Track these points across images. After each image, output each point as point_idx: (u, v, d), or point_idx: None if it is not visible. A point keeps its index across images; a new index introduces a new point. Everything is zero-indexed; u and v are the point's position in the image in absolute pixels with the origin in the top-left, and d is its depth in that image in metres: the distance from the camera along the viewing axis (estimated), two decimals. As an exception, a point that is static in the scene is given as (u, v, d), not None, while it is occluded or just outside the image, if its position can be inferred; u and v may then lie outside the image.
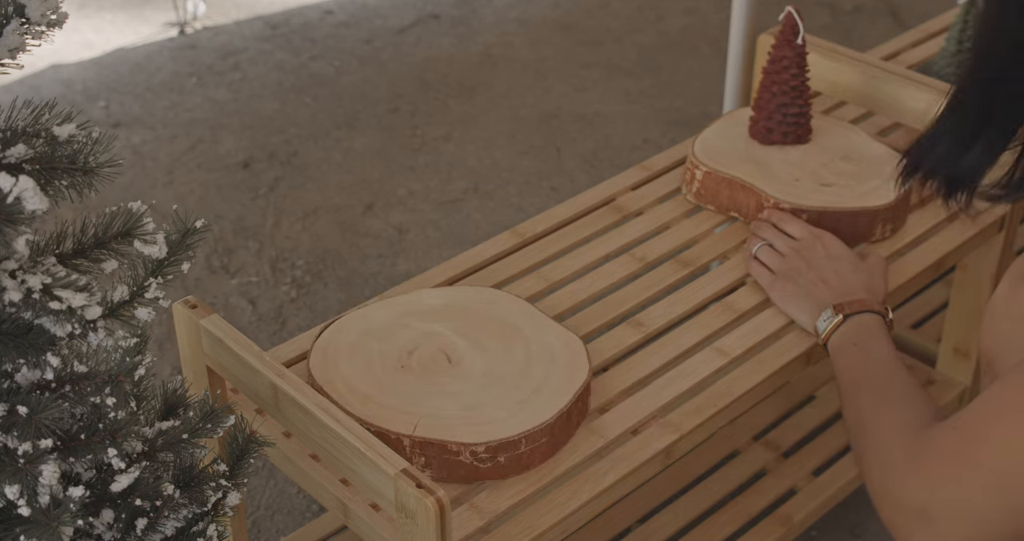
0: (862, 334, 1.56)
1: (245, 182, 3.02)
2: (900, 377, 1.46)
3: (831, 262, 1.69)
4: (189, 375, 1.56)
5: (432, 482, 1.28)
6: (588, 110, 3.31)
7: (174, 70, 3.52)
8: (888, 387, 1.45)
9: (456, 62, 3.56)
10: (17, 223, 1.00)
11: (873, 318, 1.58)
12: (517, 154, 3.13)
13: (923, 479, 1.25)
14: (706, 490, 2.01)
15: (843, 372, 1.53)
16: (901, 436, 1.32)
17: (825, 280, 1.66)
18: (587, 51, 3.62)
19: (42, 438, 1.07)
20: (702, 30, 3.74)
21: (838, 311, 1.60)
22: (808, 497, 1.99)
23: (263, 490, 2.21)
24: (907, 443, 1.30)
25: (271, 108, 3.33)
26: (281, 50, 3.62)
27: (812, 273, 1.68)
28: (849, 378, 1.51)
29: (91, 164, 1.09)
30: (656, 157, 2.00)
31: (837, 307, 1.60)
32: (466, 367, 1.52)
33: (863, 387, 1.46)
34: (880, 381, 1.46)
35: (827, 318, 1.60)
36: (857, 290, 1.64)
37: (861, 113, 2.12)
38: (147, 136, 3.20)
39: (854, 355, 1.53)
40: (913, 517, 1.25)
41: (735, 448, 2.09)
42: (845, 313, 1.59)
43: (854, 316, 1.59)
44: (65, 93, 3.39)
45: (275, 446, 1.47)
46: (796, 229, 1.76)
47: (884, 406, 1.40)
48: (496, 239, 1.81)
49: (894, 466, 1.29)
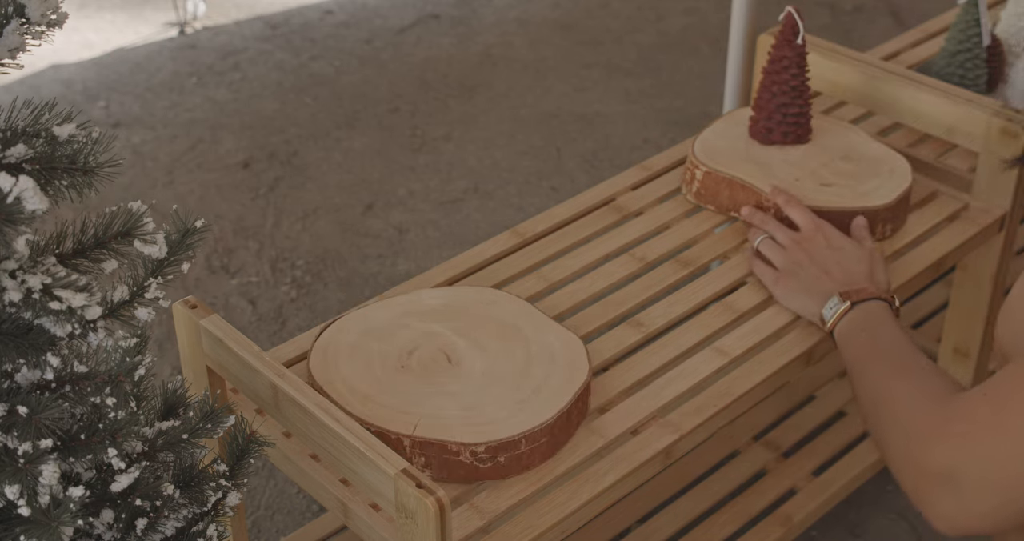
0: (871, 320, 1.56)
1: (245, 182, 3.02)
2: (915, 353, 1.46)
3: (833, 253, 1.69)
4: (189, 375, 1.56)
5: (432, 482, 1.28)
6: (588, 110, 3.31)
7: (174, 70, 3.52)
8: (904, 362, 1.44)
9: (456, 62, 3.56)
10: (17, 223, 1.00)
11: (880, 305, 1.58)
12: (517, 154, 3.13)
13: (950, 445, 1.24)
14: (706, 490, 2.01)
15: (853, 356, 1.52)
16: (925, 404, 1.32)
17: (828, 271, 1.67)
18: (587, 51, 3.62)
19: (42, 438, 1.07)
20: (702, 30, 3.74)
21: (845, 298, 1.60)
22: (808, 497, 1.99)
23: (263, 490, 2.21)
24: (932, 410, 1.30)
25: (271, 108, 3.33)
26: (281, 50, 3.62)
27: (815, 265, 1.68)
28: (860, 358, 1.50)
29: (91, 164, 1.09)
30: (656, 157, 2.00)
31: (844, 294, 1.60)
32: (466, 367, 1.52)
33: (877, 365, 1.46)
34: (895, 356, 1.46)
35: (833, 305, 1.61)
36: (861, 279, 1.65)
37: (861, 113, 2.12)
38: (147, 136, 3.20)
39: (863, 339, 1.53)
40: (939, 483, 1.24)
41: (735, 448, 2.09)
42: (852, 300, 1.59)
43: (861, 303, 1.59)
44: (65, 93, 3.39)
45: (275, 446, 1.47)
46: (798, 216, 1.75)
47: (902, 379, 1.40)
48: (496, 239, 1.81)
49: (919, 434, 1.29)
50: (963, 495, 1.23)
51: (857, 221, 1.77)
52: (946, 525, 1.26)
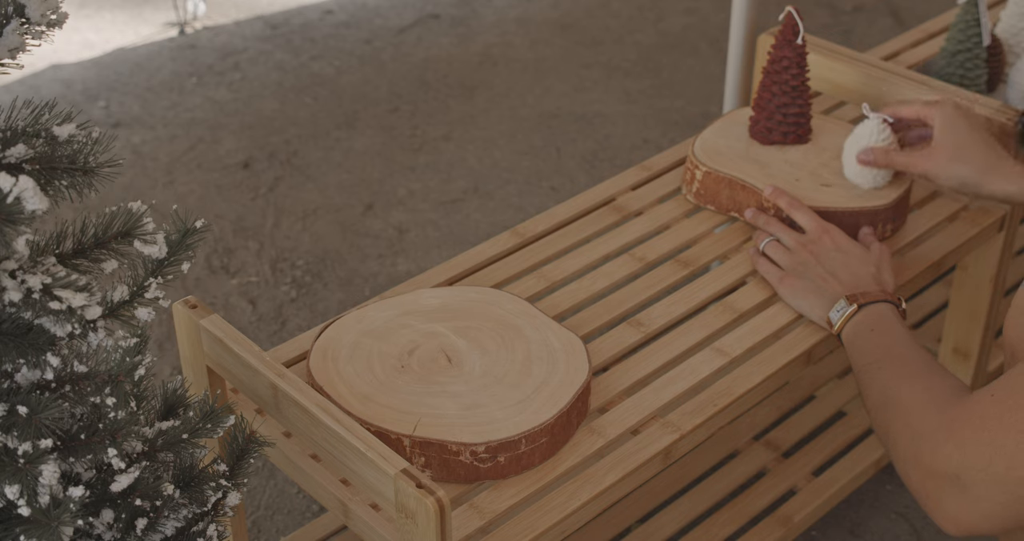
0: (878, 321, 1.56)
1: (245, 182, 3.02)
2: (922, 354, 1.46)
3: (839, 255, 1.69)
4: (189, 375, 1.56)
5: (432, 482, 1.28)
6: (588, 110, 3.31)
7: (174, 70, 3.52)
8: (912, 362, 1.45)
9: (456, 62, 3.56)
10: (17, 223, 1.00)
11: (887, 307, 1.59)
12: (517, 154, 3.13)
13: (958, 445, 1.25)
14: (706, 490, 2.01)
15: (861, 356, 1.53)
16: (933, 404, 1.32)
17: (834, 273, 1.67)
18: (587, 51, 3.62)
19: (42, 438, 1.07)
20: (702, 30, 3.74)
21: (852, 301, 1.60)
22: (808, 497, 1.99)
23: (263, 490, 2.21)
24: (940, 411, 1.30)
25: (271, 108, 3.33)
26: (281, 50, 3.62)
27: (821, 267, 1.68)
28: (868, 360, 1.50)
29: (91, 164, 1.09)
30: (656, 157, 2.00)
31: (851, 297, 1.60)
32: (466, 367, 1.52)
33: (885, 365, 1.46)
34: (903, 358, 1.46)
35: (841, 308, 1.61)
36: (867, 282, 1.64)
37: (861, 113, 2.12)
38: (147, 136, 3.20)
39: (871, 340, 1.54)
40: (946, 483, 1.25)
41: (735, 448, 2.09)
42: (859, 303, 1.59)
43: (868, 306, 1.59)
44: (65, 93, 3.39)
45: (275, 446, 1.47)
46: (803, 219, 1.75)
47: (910, 379, 1.40)
48: (496, 239, 1.81)
49: (926, 433, 1.29)
50: (970, 494, 1.23)
51: (864, 230, 1.77)
52: (952, 525, 1.26)
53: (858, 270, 1.67)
